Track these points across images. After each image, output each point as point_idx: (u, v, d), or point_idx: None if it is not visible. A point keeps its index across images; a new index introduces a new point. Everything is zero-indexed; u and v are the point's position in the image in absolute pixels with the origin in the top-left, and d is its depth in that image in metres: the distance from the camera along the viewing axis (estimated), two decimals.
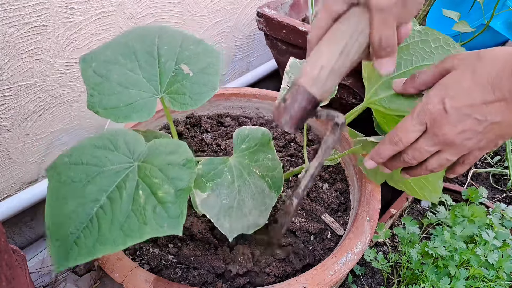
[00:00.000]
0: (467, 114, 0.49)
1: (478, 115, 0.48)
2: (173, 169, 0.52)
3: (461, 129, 0.50)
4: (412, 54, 0.61)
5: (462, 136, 0.50)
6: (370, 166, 0.60)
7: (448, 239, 0.72)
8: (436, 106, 0.51)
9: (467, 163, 0.57)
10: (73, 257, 0.47)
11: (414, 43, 0.61)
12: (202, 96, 0.62)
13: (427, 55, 0.60)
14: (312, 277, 0.61)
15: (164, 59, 0.64)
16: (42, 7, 0.81)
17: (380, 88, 0.63)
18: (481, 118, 0.48)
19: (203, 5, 1.13)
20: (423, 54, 0.60)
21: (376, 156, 0.59)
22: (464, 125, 0.49)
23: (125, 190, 0.51)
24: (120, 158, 0.54)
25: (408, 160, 0.55)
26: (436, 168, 0.55)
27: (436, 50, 0.60)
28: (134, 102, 0.60)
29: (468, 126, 0.49)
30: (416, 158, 0.55)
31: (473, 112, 0.49)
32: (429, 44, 0.60)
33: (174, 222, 0.49)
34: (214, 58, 0.65)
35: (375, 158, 0.59)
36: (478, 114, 0.48)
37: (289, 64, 0.81)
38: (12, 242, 1.00)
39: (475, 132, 0.50)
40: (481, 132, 0.50)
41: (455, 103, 0.49)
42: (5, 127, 0.87)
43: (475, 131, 0.49)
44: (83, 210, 0.49)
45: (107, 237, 0.48)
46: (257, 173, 0.64)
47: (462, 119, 0.49)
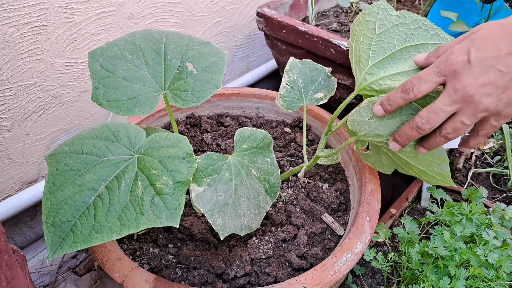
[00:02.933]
0: (491, 66, 0.48)
1: (502, 66, 0.47)
2: (173, 162, 0.53)
3: (483, 81, 0.48)
4: (394, 38, 0.64)
5: (483, 90, 0.48)
6: (378, 111, 0.58)
7: (448, 239, 0.72)
8: (460, 57, 0.49)
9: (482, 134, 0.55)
10: (68, 244, 0.48)
11: (393, 27, 0.64)
12: (205, 93, 0.62)
13: (408, 37, 0.63)
14: (312, 277, 0.61)
15: (169, 57, 0.66)
16: (42, 7, 0.81)
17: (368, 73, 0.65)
18: (504, 70, 0.47)
19: (203, 5, 1.13)
20: (404, 36, 0.63)
21: (385, 101, 0.57)
22: (487, 77, 0.48)
23: (123, 181, 0.52)
24: (120, 150, 0.55)
25: (422, 125, 0.53)
26: (450, 133, 0.53)
27: (415, 31, 0.63)
28: (137, 96, 0.61)
29: (490, 78, 0.48)
30: (430, 121, 0.53)
31: (498, 63, 0.47)
32: (408, 26, 0.63)
33: (172, 214, 0.50)
34: (219, 58, 0.67)
35: (385, 103, 0.57)
36: (502, 65, 0.47)
37: (289, 64, 0.81)
38: (12, 242, 1.00)
39: (496, 87, 0.48)
40: (502, 87, 0.48)
41: (481, 53, 0.48)
42: (5, 127, 0.87)
43: (496, 85, 0.48)
44: (80, 198, 0.50)
45: (103, 226, 0.49)
46: (255, 174, 0.64)
47: (485, 71, 0.48)
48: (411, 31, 0.63)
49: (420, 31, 0.63)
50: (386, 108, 0.58)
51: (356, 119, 0.64)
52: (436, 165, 0.63)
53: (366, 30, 0.65)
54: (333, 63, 1.01)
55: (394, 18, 0.64)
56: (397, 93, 0.56)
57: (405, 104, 0.57)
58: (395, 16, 0.64)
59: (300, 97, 0.78)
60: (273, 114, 1.05)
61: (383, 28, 0.64)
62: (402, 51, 0.63)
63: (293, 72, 0.80)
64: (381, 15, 0.64)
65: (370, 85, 0.65)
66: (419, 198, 1.06)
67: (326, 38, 0.98)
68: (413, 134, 0.55)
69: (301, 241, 0.73)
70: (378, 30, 0.64)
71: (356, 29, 0.66)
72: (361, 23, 0.66)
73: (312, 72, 0.81)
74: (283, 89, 0.78)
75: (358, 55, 0.66)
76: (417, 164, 0.64)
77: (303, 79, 0.80)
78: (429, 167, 0.64)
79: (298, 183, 0.86)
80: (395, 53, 0.64)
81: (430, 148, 0.58)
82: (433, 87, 0.53)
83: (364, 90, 0.66)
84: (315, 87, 0.79)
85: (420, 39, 0.63)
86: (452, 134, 0.54)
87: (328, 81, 0.80)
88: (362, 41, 0.65)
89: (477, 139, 0.57)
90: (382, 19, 0.64)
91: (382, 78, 0.64)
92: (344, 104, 0.70)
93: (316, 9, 1.33)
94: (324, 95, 0.78)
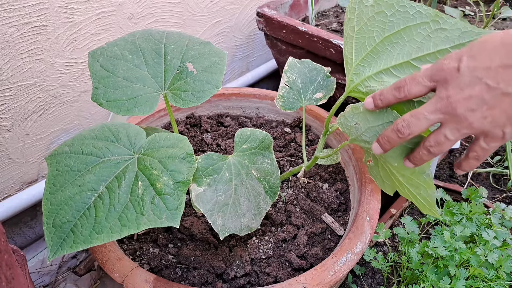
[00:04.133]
0: (479, 78, 0.44)
1: (491, 80, 0.43)
2: (173, 162, 0.53)
3: (468, 94, 0.45)
4: (372, 31, 0.60)
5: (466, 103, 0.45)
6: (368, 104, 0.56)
7: (448, 239, 0.72)
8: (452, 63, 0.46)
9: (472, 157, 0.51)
10: (69, 245, 0.48)
11: (370, 19, 0.60)
12: (205, 93, 0.62)
13: (386, 26, 0.59)
14: (312, 277, 0.61)
15: (170, 57, 0.66)
16: (42, 7, 0.81)
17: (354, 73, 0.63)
18: (492, 84, 0.43)
19: (203, 5, 1.13)
20: (381, 26, 0.59)
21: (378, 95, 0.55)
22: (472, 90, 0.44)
23: (124, 181, 0.52)
24: (121, 150, 0.55)
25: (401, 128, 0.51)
26: (433, 146, 0.50)
27: (393, 17, 0.58)
28: (137, 96, 0.61)
29: (476, 91, 0.44)
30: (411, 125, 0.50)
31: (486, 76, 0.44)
32: (385, 14, 0.58)
33: (172, 214, 0.50)
34: (219, 58, 0.67)
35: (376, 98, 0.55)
36: (491, 79, 0.43)
37: (287, 64, 0.81)
38: (12, 242, 1.00)
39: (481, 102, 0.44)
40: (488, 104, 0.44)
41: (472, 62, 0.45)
42: (5, 127, 0.87)
43: (482, 100, 0.44)
44: (81, 198, 0.50)
45: (104, 226, 0.49)
46: (255, 175, 0.64)
47: (472, 83, 0.44)
48: (388, 18, 0.58)
49: (399, 15, 0.58)
50: (376, 103, 0.55)
51: (344, 123, 0.63)
52: (423, 189, 0.60)
53: (349, 29, 0.62)
54: (333, 63, 1.01)
55: (369, 9, 0.59)
56: (389, 89, 0.54)
57: (396, 103, 0.54)
58: (370, 7, 0.59)
59: (299, 97, 0.78)
60: (273, 114, 1.05)
61: (360, 23, 0.60)
62: (384, 42, 0.59)
63: (292, 72, 0.80)
64: (358, 10, 0.61)
65: (357, 87, 0.63)
66: None
67: (326, 38, 0.98)
68: (392, 137, 0.53)
69: (301, 241, 0.73)
70: (357, 27, 0.61)
71: (344, 30, 0.64)
72: (346, 23, 0.63)
73: (311, 72, 0.81)
74: (282, 90, 0.78)
75: (346, 56, 0.64)
76: (407, 184, 0.62)
77: (302, 79, 0.80)
78: (417, 189, 0.61)
79: (298, 183, 0.86)
80: (376, 47, 0.60)
81: (415, 162, 0.55)
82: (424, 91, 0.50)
83: (352, 92, 0.64)
84: (314, 87, 0.79)
85: (400, 23, 0.58)
86: (435, 148, 0.51)
87: (327, 81, 0.80)
88: (347, 41, 0.63)
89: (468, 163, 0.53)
90: (359, 14, 0.61)
91: (367, 79, 0.61)
92: (336, 105, 0.69)
93: (316, 9, 1.33)
94: (323, 95, 0.78)
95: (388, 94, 0.54)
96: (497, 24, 1.28)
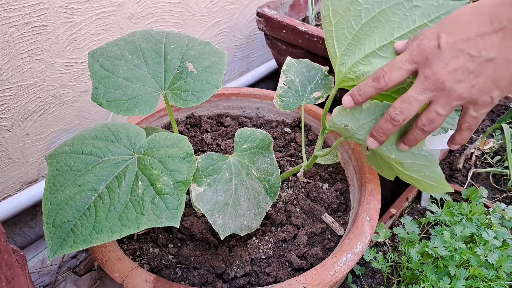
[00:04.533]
0: (461, 50, 0.46)
1: (472, 50, 0.45)
2: (173, 162, 0.53)
3: (453, 67, 0.46)
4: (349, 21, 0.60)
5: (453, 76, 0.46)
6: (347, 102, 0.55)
7: (448, 239, 0.72)
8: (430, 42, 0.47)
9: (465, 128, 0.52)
10: (69, 244, 0.48)
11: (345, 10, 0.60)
12: (205, 93, 0.62)
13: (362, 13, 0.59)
14: (312, 277, 0.62)
15: (170, 57, 0.66)
16: (42, 7, 0.81)
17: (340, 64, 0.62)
18: (475, 54, 0.45)
19: (203, 5, 1.13)
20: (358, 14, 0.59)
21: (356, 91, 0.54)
22: (456, 62, 0.46)
23: (124, 181, 0.52)
24: (121, 150, 0.55)
25: (395, 116, 0.51)
26: (426, 125, 0.51)
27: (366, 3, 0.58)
28: (137, 96, 0.61)
29: (460, 63, 0.46)
30: (404, 111, 0.50)
31: (467, 47, 0.45)
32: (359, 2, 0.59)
33: (172, 214, 0.50)
34: (219, 58, 0.67)
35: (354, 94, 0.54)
36: (472, 49, 0.45)
37: (286, 64, 0.81)
38: (12, 242, 1.00)
39: (467, 72, 0.46)
40: (473, 73, 0.46)
41: (450, 37, 0.46)
42: (5, 127, 0.87)
43: (467, 70, 0.46)
44: (81, 198, 0.50)
45: (104, 226, 0.49)
46: (255, 174, 0.64)
47: (455, 55, 0.46)
48: (362, 5, 0.59)
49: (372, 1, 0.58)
50: (356, 99, 0.54)
51: (333, 126, 0.62)
52: (427, 169, 0.59)
53: (327, 25, 0.63)
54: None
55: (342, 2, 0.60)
56: (367, 82, 0.53)
57: (377, 94, 0.54)
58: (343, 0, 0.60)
59: (298, 97, 0.78)
60: (273, 114, 1.05)
61: (337, 16, 0.61)
62: (363, 29, 0.59)
63: (290, 72, 0.80)
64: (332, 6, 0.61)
65: (346, 75, 0.62)
66: (419, 198, 1.06)
67: None
68: (388, 127, 0.53)
69: (301, 241, 0.73)
70: (334, 20, 0.61)
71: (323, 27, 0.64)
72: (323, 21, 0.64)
73: (310, 71, 0.81)
74: (280, 89, 0.78)
75: (329, 51, 0.64)
76: (407, 172, 0.61)
77: (301, 78, 0.80)
78: (420, 172, 0.60)
79: (298, 183, 0.86)
80: (356, 34, 0.60)
81: (409, 143, 0.55)
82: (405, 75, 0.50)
83: (342, 83, 0.64)
84: (312, 86, 0.79)
85: (375, 8, 0.58)
86: (428, 126, 0.51)
87: (325, 80, 0.80)
88: (327, 36, 0.63)
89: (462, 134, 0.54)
90: (333, 9, 0.61)
91: (354, 65, 0.61)
92: (329, 101, 0.69)
93: (316, 9, 1.33)
94: (322, 94, 0.78)
95: (367, 87, 0.53)
96: None
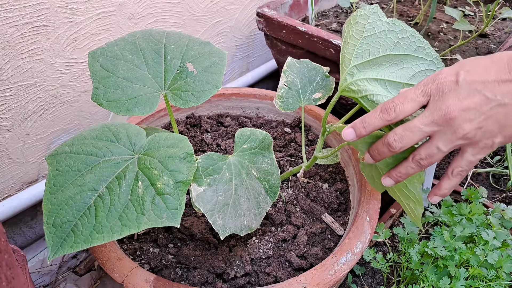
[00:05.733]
0: (477, 90, 0.47)
1: (489, 92, 0.46)
2: (173, 162, 0.53)
3: (467, 105, 0.47)
4: (379, 43, 0.62)
5: (465, 114, 0.47)
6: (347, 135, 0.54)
7: (447, 239, 0.72)
8: (448, 77, 0.48)
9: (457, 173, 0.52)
10: (69, 245, 0.48)
11: (381, 32, 0.62)
12: (205, 93, 0.62)
13: (394, 45, 0.62)
14: (312, 277, 0.62)
15: (170, 57, 0.66)
16: (42, 7, 0.81)
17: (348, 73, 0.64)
18: (490, 96, 0.46)
19: (203, 5, 1.13)
20: (390, 44, 0.62)
21: (359, 123, 0.53)
22: (471, 101, 0.47)
23: (124, 181, 0.52)
24: (121, 150, 0.55)
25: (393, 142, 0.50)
26: (423, 159, 0.51)
27: (402, 41, 0.61)
28: (138, 96, 0.61)
29: (474, 103, 0.47)
30: (404, 139, 0.50)
31: (484, 89, 0.47)
32: (396, 34, 0.62)
33: (173, 214, 0.50)
34: (219, 58, 0.67)
35: (358, 126, 0.53)
36: (488, 91, 0.47)
37: (286, 64, 0.81)
38: (12, 242, 1.00)
39: (479, 113, 0.47)
40: (484, 114, 0.47)
41: (470, 76, 0.47)
42: (5, 127, 0.87)
43: (480, 111, 0.47)
44: (81, 198, 0.50)
45: (104, 226, 0.49)
46: (255, 175, 0.64)
47: (471, 94, 0.47)
48: (398, 40, 0.62)
49: (407, 42, 0.62)
50: (359, 132, 0.53)
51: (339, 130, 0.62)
52: (412, 203, 0.62)
53: (354, 32, 0.64)
54: (333, 63, 1.01)
55: (384, 24, 0.63)
56: (375, 114, 0.52)
57: (383, 126, 0.53)
58: (385, 23, 0.63)
59: (298, 98, 0.78)
60: (273, 114, 1.05)
61: (370, 31, 0.63)
62: (385, 58, 0.62)
63: (291, 72, 0.80)
64: (372, 19, 0.63)
65: (349, 86, 0.63)
66: None
67: (326, 38, 0.98)
68: (383, 151, 0.53)
69: (301, 241, 0.73)
70: (366, 33, 0.63)
71: (345, 30, 0.65)
72: (351, 24, 0.65)
73: (310, 72, 0.81)
74: (280, 90, 0.78)
75: (343, 56, 0.65)
76: (398, 192, 0.63)
77: (301, 79, 0.80)
78: (407, 200, 0.62)
79: (298, 183, 0.86)
80: (377, 59, 0.62)
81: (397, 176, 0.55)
82: (416, 107, 0.50)
83: (344, 92, 0.65)
84: (313, 87, 0.79)
85: (406, 50, 0.62)
86: (426, 161, 0.51)
87: (326, 80, 0.80)
88: (349, 42, 0.64)
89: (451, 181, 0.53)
90: (371, 23, 0.63)
91: (361, 80, 0.62)
92: (331, 104, 0.69)
93: (316, 9, 1.33)
94: (322, 95, 0.78)
95: (373, 119, 0.52)
96: (497, 24, 1.28)
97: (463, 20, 1.04)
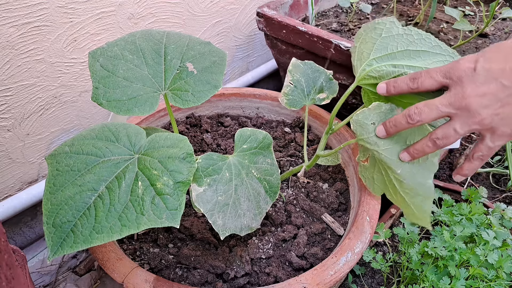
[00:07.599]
0: (494, 78, 0.48)
1: (506, 80, 0.48)
2: (173, 162, 0.53)
3: (483, 91, 0.49)
4: (397, 41, 0.67)
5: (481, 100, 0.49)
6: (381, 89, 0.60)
7: (447, 239, 0.72)
8: (467, 64, 0.50)
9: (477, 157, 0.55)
10: (69, 245, 0.48)
11: (398, 35, 0.68)
12: (205, 93, 0.63)
13: (411, 43, 0.67)
14: (312, 277, 0.62)
15: (170, 57, 0.66)
16: (42, 7, 0.81)
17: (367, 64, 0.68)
18: (507, 84, 0.48)
19: (203, 5, 1.13)
20: (406, 42, 0.67)
21: (392, 82, 0.59)
22: (488, 88, 0.48)
23: (124, 181, 0.52)
24: (121, 150, 0.55)
25: (413, 114, 0.54)
26: (440, 139, 0.54)
27: (418, 40, 0.66)
28: (138, 96, 0.61)
29: (491, 89, 0.48)
30: (422, 113, 0.53)
31: (501, 76, 0.48)
32: (412, 37, 0.67)
33: (173, 214, 0.50)
34: (219, 58, 0.67)
35: (390, 84, 0.59)
36: (505, 79, 0.48)
37: (291, 64, 0.83)
38: (12, 242, 1.00)
39: (496, 99, 0.49)
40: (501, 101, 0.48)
41: (487, 64, 0.49)
42: (5, 127, 0.87)
43: (496, 98, 0.48)
44: (81, 198, 0.50)
45: (104, 226, 0.49)
46: (255, 175, 0.64)
47: (488, 81, 0.49)
48: (414, 39, 0.66)
49: (423, 41, 0.66)
50: (389, 89, 0.59)
51: (360, 120, 0.63)
52: (420, 199, 0.61)
53: (373, 34, 0.69)
54: (333, 63, 1.01)
55: (400, 29, 0.68)
56: (405, 79, 0.57)
57: (408, 92, 0.58)
58: (401, 29, 0.68)
59: (303, 96, 0.79)
60: (273, 114, 1.05)
61: (388, 33, 0.68)
62: (403, 53, 0.66)
63: (296, 72, 0.81)
64: (389, 26, 0.69)
65: (368, 73, 0.67)
66: None
67: (326, 38, 0.98)
68: (402, 122, 0.56)
69: (301, 241, 0.73)
70: (384, 34, 0.68)
71: (363, 33, 0.70)
72: (369, 28, 0.69)
73: (314, 73, 0.82)
74: (286, 88, 0.79)
75: (361, 52, 0.69)
76: (402, 190, 0.62)
77: (306, 79, 0.81)
78: (412, 198, 0.61)
79: (298, 183, 0.86)
80: (395, 53, 0.66)
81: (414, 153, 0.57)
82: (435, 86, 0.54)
83: (363, 80, 0.68)
84: (317, 87, 0.81)
85: (423, 46, 0.66)
86: (441, 141, 0.54)
87: (330, 83, 0.82)
88: (367, 41, 0.69)
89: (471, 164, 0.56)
90: (389, 28, 0.68)
91: (380, 66, 0.66)
92: (345, 95, 0.71)
93: (316, 9, 1.33)
94: (327, 96, 0.80)
95: (402, 83, 0.57)
96: (497, 24, 1.28)
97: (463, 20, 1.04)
